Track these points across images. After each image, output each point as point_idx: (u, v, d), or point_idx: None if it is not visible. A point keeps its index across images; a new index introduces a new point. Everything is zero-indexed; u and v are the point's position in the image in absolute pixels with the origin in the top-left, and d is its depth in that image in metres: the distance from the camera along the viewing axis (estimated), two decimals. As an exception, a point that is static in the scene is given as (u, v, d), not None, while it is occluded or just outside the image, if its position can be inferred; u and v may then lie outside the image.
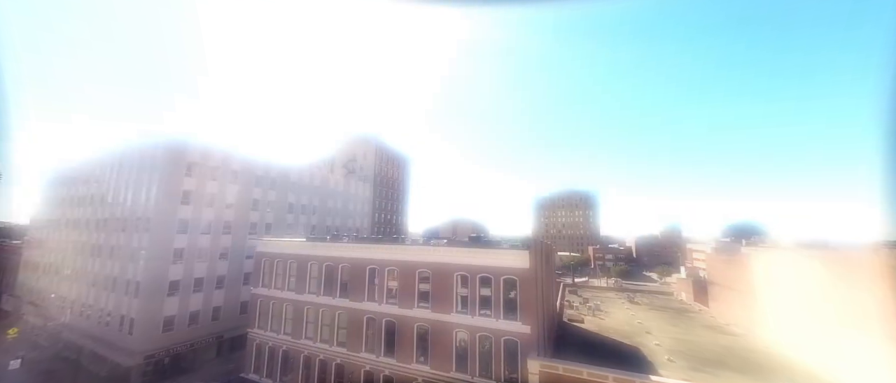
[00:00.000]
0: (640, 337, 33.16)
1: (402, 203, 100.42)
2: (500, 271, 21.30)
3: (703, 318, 41.67)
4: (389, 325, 23.93)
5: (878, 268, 21.27)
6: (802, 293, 27.66)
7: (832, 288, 24.65)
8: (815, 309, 26.12)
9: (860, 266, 22.79)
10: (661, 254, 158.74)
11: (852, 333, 22.35)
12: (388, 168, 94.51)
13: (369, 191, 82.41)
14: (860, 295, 22.08)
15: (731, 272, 39.03)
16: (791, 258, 29.68)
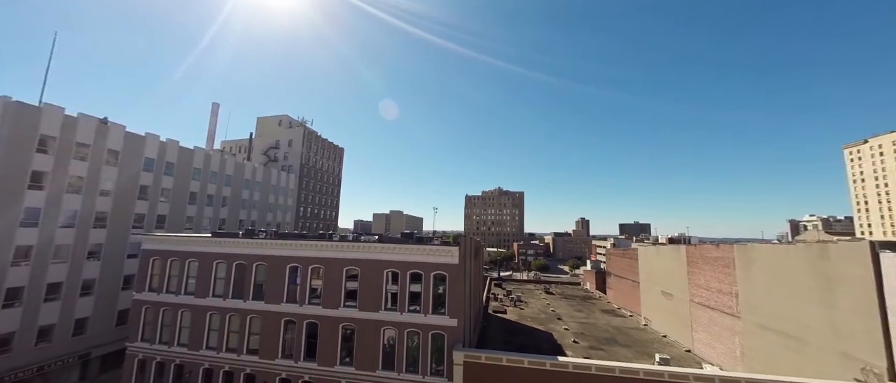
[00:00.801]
0: (553, 323, 37.11)
1: (333, 196, 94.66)
2: (431, 267, 21.60)
3: (602, 304, 48.60)
4: (311, 327, 22.33)
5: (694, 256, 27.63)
6: (660, 277, 34.23)
7: (675, 272, 31.07)
8: (668, 288, 32.57)
9: (687, 255, 29.23)
10: (573, 249, 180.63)
11: (683, 303, 28.58)
12: (319, 158, 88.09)
13: (294, 183, 75.63)
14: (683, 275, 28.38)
15: (622, 263, 46.26)
16: (656, 251, 36.49)
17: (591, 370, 17.11)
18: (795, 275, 19.77)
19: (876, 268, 15.47)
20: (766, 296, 21.83)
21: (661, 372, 16.27)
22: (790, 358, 19.50)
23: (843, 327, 16.90)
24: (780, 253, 21.36)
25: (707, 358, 26.65)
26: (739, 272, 24.10)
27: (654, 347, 29.38)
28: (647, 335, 33.87)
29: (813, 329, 18.51)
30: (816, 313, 18.35)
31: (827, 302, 17.79)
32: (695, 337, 28.88)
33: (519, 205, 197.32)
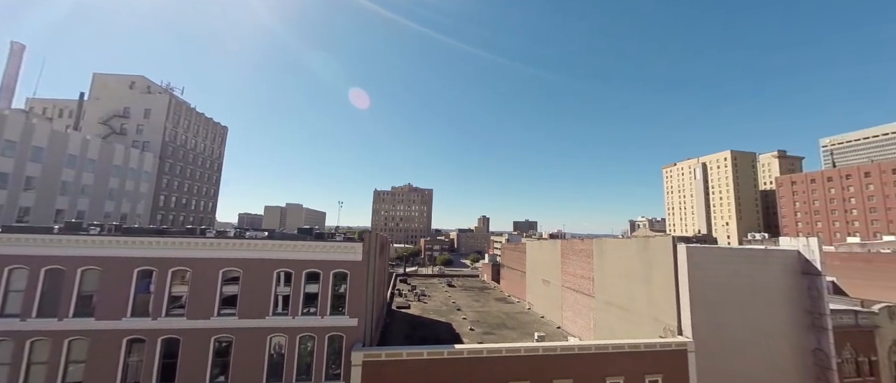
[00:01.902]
0: (453, 314, 39.39)
1: (210, 184, 79.03)
2: (331, 265, 20.16)
3: (496, 293, 54.04)
4: (170, 345, 18.10)
5: (566, 249, 34.10)
6: (542, 267, 40.47)
7: (552, 263, 37.37)
8: (546, 276, 38.76)
9: (561, 248, 35.73)
10: (475, 245, 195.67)
11: (557, 288, 34.74)
12: (191, 136, 72.25)
13: (152, 164, 60.24)
14: (558, 265, 34.68)
15: (513, 256, 52.41)
16: (539, 245, 42.87)
17: (482, 353, 18.80)
18: (629, 262, 25.85)
19: (674, 256, 21.51)
20: (611, 279, 27.90)
21: (537, 348, 19.08)
22: (624, 326, 25.44)
23: (656, 299, 22.96)
24: (620, 245, 27.56)
25: (572, 331, 32.48)
26: (595, 261, 30.13)
27: (534, 327, 34.20)
28: (530, 317, 39.24)
29: (638, 301, 24.57)
30: (641, 290, 24.40)
31: (647, 281, 23.84)
32: (563, 315, 34.84)
33: (427, 202, 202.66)
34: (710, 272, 20.89)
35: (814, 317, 20.96)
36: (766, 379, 20.55)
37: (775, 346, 21.03)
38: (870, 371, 22.02)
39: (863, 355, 22.01)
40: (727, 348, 20.37)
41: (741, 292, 21.14)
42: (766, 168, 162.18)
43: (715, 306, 20.62)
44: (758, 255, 22.11)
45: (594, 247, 30.67)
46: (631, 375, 19.10)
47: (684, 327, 20.53)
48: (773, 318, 21.23)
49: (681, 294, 20.89)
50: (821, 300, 20.75)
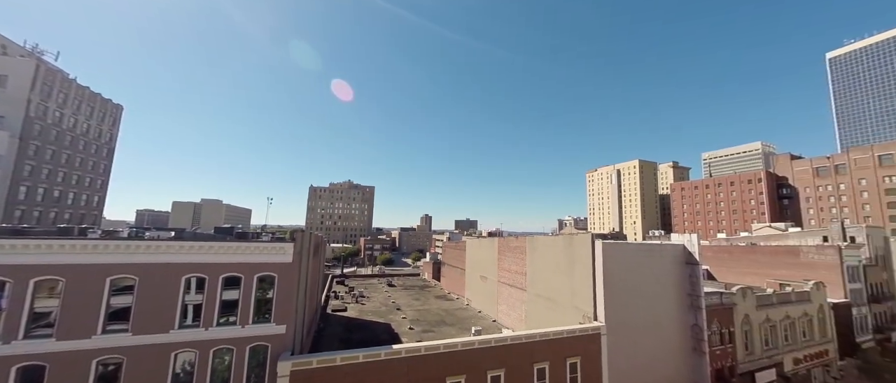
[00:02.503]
0: (392, 314, 38.77)
1: (96, 173, 65.38)
2: (256, 268, 18.21)
3: (436, 291, 54.71)
4: (33, 373, 14.46)
5: (502, 246, 36.47)
6: (480, 264, 42.38)
7: (490, 259, 39.46)
8: (484, 273, 40.71)
9: (498, 245, 38.04)
10: (417, 243, 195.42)
11: (493, 284, 36.84)
12: (70, 112, 58.85)
13: (6, 146, 47.70)
14: (495, 261, 36.90)
15: (454, 254, 53.68)
16: (478, 243, 44.79)
17: (420, 352, 18.85)
18: (556, 257, 28.39)
19: (593, 251, 24.24)
20: (541, 273, 30.31)
21: (473, 342, 19.84)
22: (551, 315, 27.86)
23: (577, 289, 25.61)
24: (549, 243, 30.12)
25: (506, 324, 34.47)
26: (528, 257, 32.42)
27: (472, 322, 35.47)
28: (468, 313, 40.59)
29: (563, 292, 27.13)
30: (565, 282, 26.98)
31: (570, 274, 26.46)
32: (499, 309, 36.79)
33: (368, 200, 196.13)
34: (620, 264, 24.05)
35: (693, 299, 25.54)
36: (658, 351, 24.42)
37: (666, 324, 25.11)
38: (729, 339, 27.66)
39: (725, 327, 27.53)
40: (631, 328, 23.67)
41: (642, 280, 24.76)
42: (664, 175, 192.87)
43: (622, 293, 23.79)
44: (655, 249, 26.12)
45: (527, 244, 32.97)
46: (555, 359, 21.00)
47: (599, 313, 23.29)
48: (664, 301, 25.31)
49: (597, 284, 23.64)
50: (698, 285, 25.38)
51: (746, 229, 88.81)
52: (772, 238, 56.22)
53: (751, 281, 39.84)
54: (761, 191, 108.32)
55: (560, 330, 21.67)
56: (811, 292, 34.26)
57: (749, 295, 29.80)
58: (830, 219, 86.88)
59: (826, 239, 49.66)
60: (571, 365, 21.38)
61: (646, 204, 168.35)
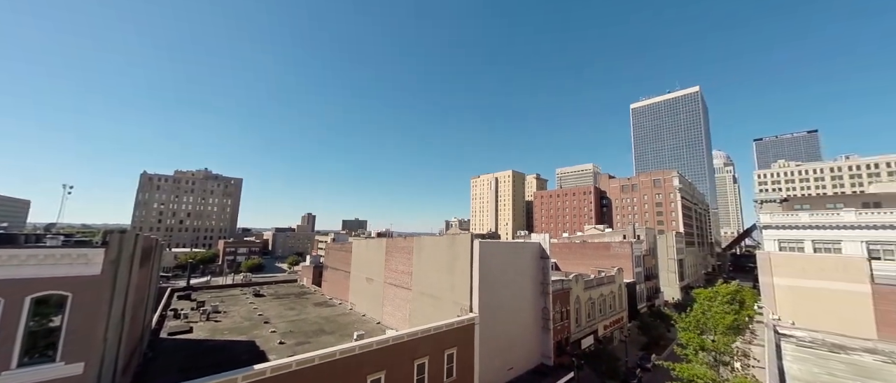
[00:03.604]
0: (258, 329, 33.33)
1: None
2: (32, 285, 12.55)
3: (317, 297, 50.01)
4: None
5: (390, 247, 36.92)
6: (367, 266, 41.33)
7: (377, 261, 39.07)
8: (371, 274, 39.87)
9: (387, 246, 38.22)
10: (296, 245, 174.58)
11: (379, 285, 36.64)
12: None
13: None
14: (382, 263, 36.96)
15: (339, 256, 50.33)
16: (366, 244, 43.60)
17: (291, 367, 16.73)
18: (440, 256, 30.03)
19: (472, 249, 26.67)
20: (426, 272, 31.47)
21: (354, 347, 18.89)
22: (433, 311, 29.20)
23: (457, 285, 27.66)
24: (435, 242, 31.63)
25: (390, 325, 34.27)
26: (415, 257, 33.20)
27: (355, 327, 33.82)
28: (351, 318, 38.59)
29: (444, 289, 28.85)
30: (447, 279, 28.78)
31: (452, 271, 28.39)
32: (384, 310, 36.34)
33: (233, 195, 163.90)
34: (493, 260, 27.25)
35: (544, 286, 31.16)
36: (518, 332, 28.73)
37: (524, 309, 29.81)
38: (566, 316, 34.93)
39: (564, 307, 34.64)
40: (498, 315, 27.09)
41: (509, 273, 28.72)
42: (530, 185, 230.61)
43: (493, 285, 27.00)
44: (519, 247, 30.73)
45: (414, 244, 33.72)
46: (434, 353, 22.05)
47: (474, 305, 25.74)
48: (524, 290, 30.01)
49: (473, 279, 26.10)
50: (548, 274, 31.13)
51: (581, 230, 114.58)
52: (595, 236, 74.23)
53: (582, 269, 51.49)
54: (591, 201, 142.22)
55: (440, 324, 22.90)
56: (615, 276, 46.73)
57: (580, 281, 38.39)
58: (628, 223, 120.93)
59: (625, 236, 68.72)
60: (449, 356, 22.86)
61: (516, 208, 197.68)
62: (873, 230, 32.41)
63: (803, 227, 35.19)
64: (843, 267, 17.50)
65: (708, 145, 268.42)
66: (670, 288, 71.96)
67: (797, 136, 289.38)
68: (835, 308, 17.59)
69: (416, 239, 34.17)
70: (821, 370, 12.97)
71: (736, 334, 23.06)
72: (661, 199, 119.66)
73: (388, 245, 38.05)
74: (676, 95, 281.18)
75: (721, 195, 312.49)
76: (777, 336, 17.13)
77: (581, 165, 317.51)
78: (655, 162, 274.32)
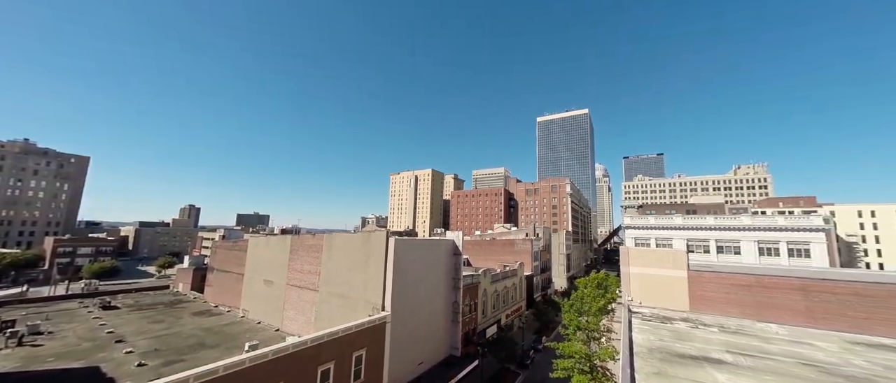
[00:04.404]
0: (106, 351, 26.23)
1: None
2: None
3: (197, 306, 42.00)
4: None
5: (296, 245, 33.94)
6: (266, 267, 36.85)
7: (279, 260, 35.28)
8: (270, 276, 35.66)
9: (291, 244, 34.92)
10: (172, 244, 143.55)
11: (280, 287, 33.20)
12: None
13: None
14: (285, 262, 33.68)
15: (230, 257, 43.32)
16: (266, 241, 38.78)
17: (152, 395, 13.58)
18: (354, 254, 28.58)
19: (387, 246, 26.11)
20: (337, 272, 29.53)
21: (243, 361, 16.42)
22: (343, 312, 27.58)
23: (370, 284, 26.71)
24: (348, 240, 29.96)
25: (291, 331, 31.06)
26: (325, 255, 30.82)
27: (246, 337, 29.55)
28: (243, 327, 33.63)
29: (357, 288, 27.55)
30: (359, 277, 27.54)
31: (365, 269, 27.30)
32: (285, 315, 32.75)
33: (73, 178, 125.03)
34: (408, 257, 27.21)
35: (455, 281, 32.62)
36: (430, 326, 29.39)
37: (437, 304, 30.67)
38: (475, 308, 37.30)
39: (473, 300, 36.90)
40: (411, 312, 27.22)
41: (424, 269, 29.13)
42: (448, 184, 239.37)
43: (408, 282, 26.99)
44: (434, 244, 31.47)
45: (325, 241, 31.30)
46: (341, 357, 20.82)
47: (387, 303, 25.27)
48: (437, 286, 30.87)
49: (387, 276, 25.60)
50: (459, 270, 32.69)
51: (491, 228, 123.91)
52: (503, 234, 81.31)
53: (491, 264, 55.76)
54: (500, 202, 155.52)
55: (349, 325, 21.75)
56: (517, 269, 52.03)
57: (488, 275, 41.48)
58: (531, 222, 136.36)
59: (527, 235, 77.11)
60: (357, 358, 21.89)
61: (434, 206, 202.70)
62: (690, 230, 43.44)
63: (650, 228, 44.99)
64: (672, 258, 23.00)
65: (592, 159, 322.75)
66: (560, 279, 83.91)
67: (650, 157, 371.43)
68: (666, 289, 23.10)
69: (326, 236, 31.77)
70: (655, 337, 16.78)
71: (603, 314, 28.30)
72: (557, 203, 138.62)
73: (294, 243, 34.44)
74: (572, 114, 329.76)
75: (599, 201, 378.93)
76: (629, 313, 21.52)
77: (494, 168, 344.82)
78: (554, 169, 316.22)
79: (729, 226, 44.88)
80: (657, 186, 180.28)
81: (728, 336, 17.29)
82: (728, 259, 43.96)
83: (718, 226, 44.85)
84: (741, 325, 19.07)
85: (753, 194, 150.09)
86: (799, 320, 18.84)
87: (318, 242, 31.76)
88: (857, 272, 26.53)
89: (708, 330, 18.47)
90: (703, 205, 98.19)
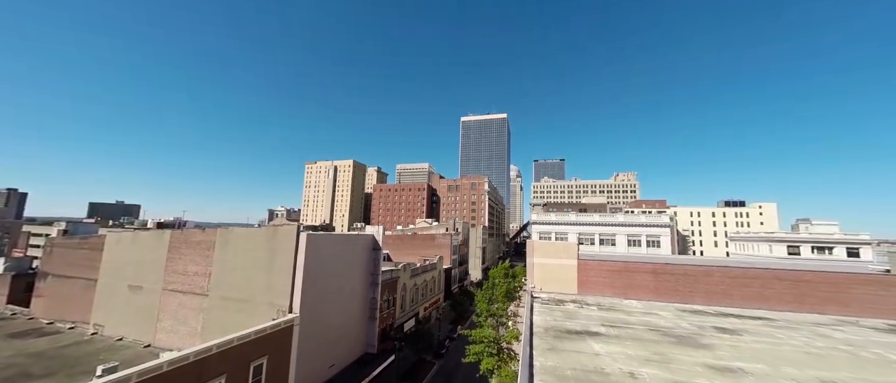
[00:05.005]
0: None
1: None
2: None
3: (16, 324, 31.56)
4: None
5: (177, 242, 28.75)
6: (132, 269, 30.00)
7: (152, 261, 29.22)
8: (138, 281, 29.18)
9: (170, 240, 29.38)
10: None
11: (153, 294, 27.59)
12: None
13: None
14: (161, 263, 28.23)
15: (76, 257, 33.70)
16: (132, 238, 31.52)
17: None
18: (256, 251, 25.23)
19: (297, 242, 23.77)
20: (233, 272, 25.65)
21: (92, 390, 12.94)
22: (240, 318, 24.10)
23: (275, 285, 23.96)
24: (249, 235, 26.33)
25: (168, 345, 25.87)
26: (217, 253, 26.43)
27: (99, 359, 23.45)
28: (94, 346, 26.61)
29: (258, 290, 24.40)
30: (262, 278, 24.47)
31: (270, 268, 24.38)
32: (159, 327, 27.09)
33: None
34: (322, 254, 25.30)
35: (374, 277, 31.76)
36: (345, 326, 27.99)
37: (353, 302, 29.37)
38: (393, 304, 36.98)
39: (391, 295, 36.52)
40: (325, 310, 25.45)
41: (340, 266, 27.51)
42: (371, 177, 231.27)
43: (321, 280, 25.12)
44: (352, 239, 30.01)
45: (218, 237, 26.88)
46: (235, 369, 18.21)
47: (295, 305, 23.06)
48: (354, 282, 29.56)
49: (297, 275, 23.36)
50: (379, 265, 31.93)
51: (413, 222, 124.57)
52: (424, 229, 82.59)
53: (411, 259, 56.05)
54: (423, 197, 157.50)
55: (246, 332, 19.15)
56: (437, 263, 53.53)
57: (407, 269, 41.59)
58: (451, 217, 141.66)
59: (447, 229, 79.92)
60: (256, 368, 19.47)
61: (354, 199, 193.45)
62: (581, 226, 50.95)
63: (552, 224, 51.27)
64: (566, 250, 26.66)
65: (509, 160, 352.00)
66: (476, 271, 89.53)
67: (555, 162, 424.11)
68: (561, 276, 26.74)
69: (220, 231, 27.32)
70: (550, 317, 19.25)
71: (510, 300, 31.27)
72: (476, 199, 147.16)
73: (175, 239, 28.63)
74: (493, 117, 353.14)
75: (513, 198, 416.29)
76: (532, 299, 24.21)
77: (419, 163, 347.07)
78: (475, 168, 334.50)
79: (608, 222, 54.18)
80: (559, 187, 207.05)
81: (603, 312, 20.85)
82: (607, 249, 53.33)
83: (601, 223, 53.85)
84: (613, 303, 23.26)
85: (627, 196, 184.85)
86: (650, 296, 23.90)
87: (208, 238, 27.05)
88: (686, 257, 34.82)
89: (589, 308, 21.95)
90: (592, 205, 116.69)
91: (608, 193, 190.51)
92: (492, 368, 26.19)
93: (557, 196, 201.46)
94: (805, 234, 61.14)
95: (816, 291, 21.37)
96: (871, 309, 20.54)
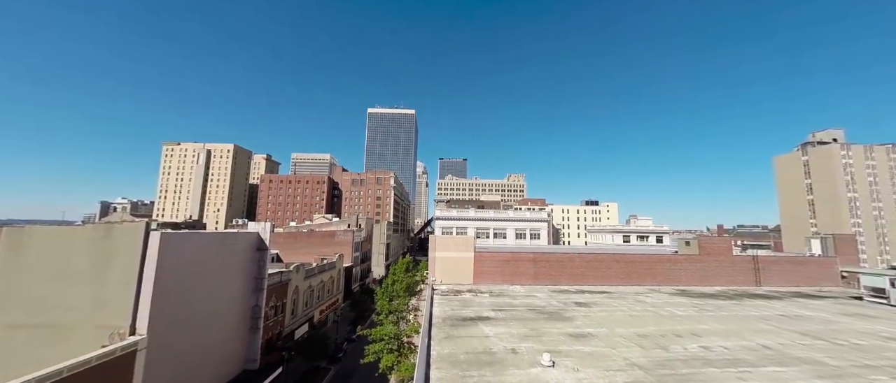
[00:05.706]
0: None
1: None
2: None
3: None
4: None
5: None
6: None
7: None
8: None
9: None
10: None
11: None
12: None
13: None
14: None
15: None
16: None
17: None
18: (75, 258, 18.75)
19: (145, 244, 18.68)
20: (33, 286, 18.47)
21: None
22: (42, 352, 17.49)
23: (107, 300, 18.28)
24: (60, 235, 19.41)
25: None
26: (2, 264, 18.60)
27: None
28: None
29: (78, 310, 18.20)
30: (86, 293, 18.35)
31: (100, 279, 18.47)
32: None
33: None
34: (183, 258, 20.58)
35: (258, 282, 27.66)
36: (216, 341, 23.49)
37: (230, 311, 24.91)
38: (282, 310, 32.98)
39: (280, 301, 32.51)
40: (188, 328, 20.78)
41: (210, 271, 22.89)
42: (258, 165, 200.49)
43: (183, 291, 20.41)
44: (228, 238, 25.41)
45: (4, 239, 18.94)
46: (32, 423, 13.12)
47: (140, 324, 18.12)
48: (231, 289, 25.10)
49: (144, 287, 18.37)
50: (264, 268, 27.95)
51: (310, 218, 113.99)
52: (323, 225, 76.56)
53: (307, 258, 51.08)
54: (324, 191, 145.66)
55: (56, 370, 14.04)
56: (336, 262, 50.29)
57: (301, 270, 37.75)
58: (355, 213, 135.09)
59: (349, 225, 75.97)
60: (71, 415, 14.46)
61: (235, 191, 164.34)
62: (478, 221, 55.51)
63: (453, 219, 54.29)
64: (465, 243, 28.64)
65: (415, 156, 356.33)
66: (379, 268, 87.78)
67: (458, 161, 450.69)
68: (460, 268, 28.58)
69: (8, 229, 19.31)
70: (448, 308, 20.38)
71: (411, 295, 31.75)
72: (381, 195, 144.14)
73: None
74: (401, 112, 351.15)
75: (418, 195, 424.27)
76: (432, 291, 25.14)
77: (319, 154, 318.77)
78: (381, 162, 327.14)
79: (500, 218, 60.60)
80: (462, 185, 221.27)
81: (494, 298, 23.19)
82: (499, 242, 59.81)
83: (495, 218, 59.92)
84: (502, 289, 26.10)
85: (516, 195, 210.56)
86: (530, 281, 27.79)
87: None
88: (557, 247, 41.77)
89: (483, 296, 24.10)
90: (488, 203, 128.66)
91: (502, 192, 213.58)
92: (391, 364, 26.16)
93: (461, 193, 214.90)
94: (633, 227, 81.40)
95: (638, 269, 28.62)
96: (666, 279, 28.69)
